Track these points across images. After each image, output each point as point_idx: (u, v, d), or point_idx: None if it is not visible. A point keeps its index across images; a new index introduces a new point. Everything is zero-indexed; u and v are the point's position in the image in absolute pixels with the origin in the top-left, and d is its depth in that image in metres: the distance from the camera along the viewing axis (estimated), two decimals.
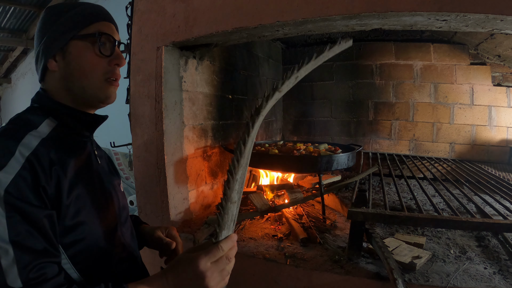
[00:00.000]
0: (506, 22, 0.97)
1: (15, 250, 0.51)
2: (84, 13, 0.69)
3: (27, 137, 0.58)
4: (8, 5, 3.82)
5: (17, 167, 0.54)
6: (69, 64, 0.66)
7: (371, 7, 1.00)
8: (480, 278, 1.01)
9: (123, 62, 0.72)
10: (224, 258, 0.62)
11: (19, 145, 0.56)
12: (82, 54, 0.66)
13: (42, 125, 0.63)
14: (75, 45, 0.66)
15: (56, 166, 0.59)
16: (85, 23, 0.67)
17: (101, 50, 0.67)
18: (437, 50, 2.51)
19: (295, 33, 1.31)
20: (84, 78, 0.67)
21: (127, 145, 1.74)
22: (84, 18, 0.68)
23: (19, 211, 0.53)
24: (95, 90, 0.68)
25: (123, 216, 0.77)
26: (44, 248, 0.54)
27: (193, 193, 1.66)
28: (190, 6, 1.34)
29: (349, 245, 1.18)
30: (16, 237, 0.51)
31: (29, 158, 0.55)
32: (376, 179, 2.08)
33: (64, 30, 0.66)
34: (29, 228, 0.53)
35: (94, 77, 0.67)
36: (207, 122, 1.77)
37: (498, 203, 1.49)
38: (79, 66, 0.66)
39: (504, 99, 2.40)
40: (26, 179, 0.54)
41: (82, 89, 0.67)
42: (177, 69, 1.53)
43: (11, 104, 7.29)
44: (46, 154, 0.58)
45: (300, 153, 1.70)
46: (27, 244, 0.52)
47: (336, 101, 2.83)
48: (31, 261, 0.52)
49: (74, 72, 0.66)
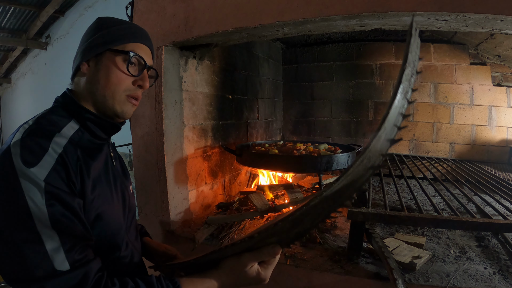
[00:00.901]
0: (506, 22, 0.97)
1: (59, 234, 0.55)
2: (127, 31, 0.74)
3: (56, 135, 0.62)
4: (8, 5, 3.83)
5: (52, 162, 0.58)
6: (98, 71, 0.71)
7: (371, 7, 1.00)
8: (480, 278, 1.01)
9: (147, 85, 0.75)
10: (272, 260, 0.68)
11: (51, 143, 0.60)
12: (112, 66, 0.71)
13: (65, 127, 0.66)
14: (109, 57, 0.71)
15: (81, 163, 0.63)
16: (124, 40, 0.72)
17: (128, 68, 0.72)
18: (437, 50, 2.51)
19: (295, 33, 1.31)
20: (107, 88, 0.71)
21: (127, 145, 1.74)
22: (124, 35, 0.73)
23: (58, 198, 0.56)
24: (113, 102, 0.72)
25: (131, 216, 0.81)
26: (82, 232, 0.58)
27: (193, 193, 1.66)
28: (190, 6, 1.34)
29: (349, 245, 1.18)
30: (57, 223, 0.55)
31: (62, 154, 0.59)
32: (376, 179, 2.08)
33: (104, 41, 0.71)
34: (68, 214, 0.57)
35: (116, 90, 0.71)
36: (207, 122, 1.77)
37: (498, 203, 1.49)
38: (106, 76, 0.71)
39: (504, 99, 2.40)
40: (60, 172, 0.58)
41: (103, 97, 0.71)
42: (177, 69, 1.53)
43: (11, 104, 7.28)
44: (74, 152, 0.63)
45: (300, 153, 1.70)
46: (69, 229, 0.56)
47: (336, 101, 2.84)
48: (75, 244, 0.56)
49: (100, 80, 0.71)
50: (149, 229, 1.00)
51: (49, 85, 4.96)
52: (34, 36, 4.79)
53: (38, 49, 5.18)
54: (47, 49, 5.00)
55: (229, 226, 1.46)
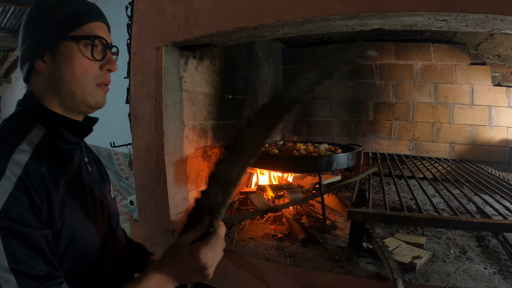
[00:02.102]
0: (506, 22, 0.97)
1: (17, 278, 0.48)
2: (78, 11, 0.64)
3: (16, 152, 0.54)
4: (8, 5, 3.82)
5: (10, 188, 0.50)
6: (59, 66, 0.62)
7: (371, 7, 1.00)
8: (480, 278, 1.01)
9: (115, 67, 0.68)
10: (218, 241, 0.61)
11: (9, 163, 0.52)
12: (73, 56, 0.62)
13: (30, 134, 0.59)
14: (66, 46, 0.62)
15: (46, 182, 0.55)
16: (78, 23, 0.63)
17: (93, 54, 0.64)
18: (437, 50, 2.51)
19: (295, 33, 1.31)
20: (75, 82, 0.63)
21: (127, 145, 1.74)
22: (77, 17, 0.63)
23: (16, 235, 0.49)
24: (85, 95, 0.64)
25: (114, 222, 0.76)
26: (46, 272, 0.52)
27: (193, 193, 1.66)
28: (190, 6, 1.34)
29: (349, 245, 1.18)
30: (16, 264, 0.48)
31: (21, 177, 0.51)
32: (376, 179, 2.08)
33: (55, 29, 0.61)
34: (28, 252, 0.50)
35: (85, 82, 0.64)
36: (207, 122, 1.77)
37: (498, 203, 1.49)
38: (69, 69, 0.62)
39: (504, 99, 2.40)
40: (21, 200, 0.51)
41: (72, 93, 0.63)
42: (177, 69, 1.52)
43: (11, 104, 7.28)
44: (37, 171, 0.55)
45: (300, 153, 1.70)
46: (29, 270, 0.50)
47: (336, 101, 2.83)
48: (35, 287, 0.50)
49: (64, 75, 0.62)
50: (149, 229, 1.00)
51: None
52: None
53: None
54: None
55: (229, 226, 1.46)
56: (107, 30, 0.69)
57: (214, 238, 0.60)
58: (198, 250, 0.58)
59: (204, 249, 0.58)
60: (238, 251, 1.29)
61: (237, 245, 1.33)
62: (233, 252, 1.28)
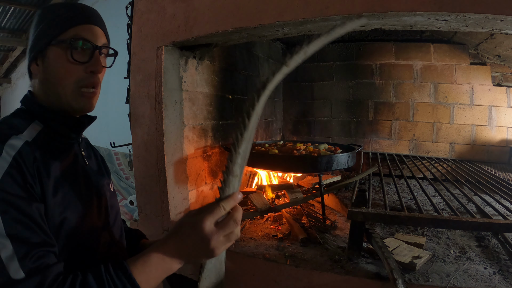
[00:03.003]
0: (506, 22, 0.97)
1: (13, 243, 0.52)
2: (62, 17, 0.67)
3: (12, 138, 0.59)
4: (8, 5, 3.82)
5: (5, 166, 0.55)
6: (46, 69, 0.66)
7: (371, 7, 1.00)
8: (480, 278, 1.01)
9: (100, 69, 0.69)
10: (231, 221, 0.57)
11: (5, 146, 0.57)
12: (57, 60, 0.66)
13: (27, 129, 0.63)
14: (52, 51, 0.66)
15: (38, 164, 0.59)
16: (62, 27, 0.66)
17: (73, 56, 0.65)
18: (437, 50, 2.51)
19: (295, 33, 1.31)
20: (58, 84, 0.66)
21: (127, 145, 1.74)
22: (61, 22, 0.66)
23: (13, 205, 0.54)
24: (68, 98, 0.67)
25: (112, 216, 0.77)
26: (41, 239, 0.56)
27: (193, 193, 1.66)
28: (190, 6, 1.34)
29: (349, 245, 1.18)
30: (12, 231, 0.53)
31: (15, 157, 0.56)
32: (376, 179, 2.08)
33: (44, 35, 0.66)
34: (24, 221, 0.54)
35: (67, 84, 0.66)
36: (207, 122, 1.77)
37: (498, 203, 1.49)
38: (54, 73, 0.66)
39: (504, 99, 2.40)
40: (15, 176, 0.55)
41: (57, 95, 0.67)
42: (177, 69, 1.52)
43: (11, 104, 7.28)
44: (30, 153, 0.59)
45: (300, 153, 1.70)
46: (24, 236, 0.54)
47: (336, 101, 2.83)
48: (30, 251, 0.53)
49: (50, 78, 0.66)
50: (149, 229, 1.00)
51: None
52: None
53: None
54: None
55: None
56: (97, 32, 0.70)
57: (218, 208, 0.57)
58: (201, 220, 0.56)
59: (208, 218, 0.56)
60: (238, 251, 1.29)
61: (237, 245, 1.33)
62: (233, 252, 1.29)
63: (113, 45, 0.74)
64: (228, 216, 0.58)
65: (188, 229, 0.57)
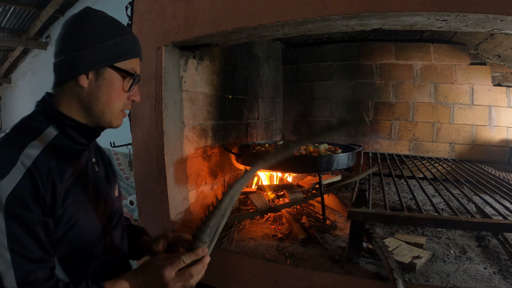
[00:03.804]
0: (506, 22, 0.97)
1: (12, 256, 0.54)
2: (129, 45, 0.73)
3: (29, 146, 0.60)
4: (8, 5, 3.82)
5: (19, 176, 0.56)
6: (99, 88, 0.69)
7: (371, 7, 1.00)
8: (480, 278, 1.01)
9: (139, 99, 0.77)
10: (187, 273, 0.66)
11: (21, 155, 0.58)
12: (114, 84, 0.70)
13: (44, 133, 0.65)
14: (111, 74, 0.70)
15: (53, 174, 0.61)
16: (127, 56, 0.72)
17: (130, 88, 0.73)
18: (437, 50, 2.51)
19: (295, 33, 1.31)
20: (107, 106, 0.71)
21: (127, 145, 1.74)
22: (128, 51, 0.72)
23: (19, 218, 0.55)
24: (111, 117, 0.72)
25: (115, 220, 0.80)
26: (40, 255, 0.57)
27: (193, 193, 1.66)
28: (190, 6, 1.34)
29: (349, 245, 1.18)
30: (13, 244, 0.54)
31: (30, 168, 0.57)
32: (376, 179, 2.08)
33: (107, 55, 0.69)
34: (27, 236, 0.56)
35: (115, 107, 0.72)
36: (207, 122, 1.77)
37: (498, 203, 1.49)
38: (107, 93, 0.70)
39: (504, 99, 2.40)
40: (27, 188, 0.56)
41: (103, 113, 0.71)
42: (177, 69, 1.52)
43: (11, 104, 7.28)
44: (45, 164, 0.60)
45: (300, 153, 1.70)
46: (24, 251, 0.56)
47: (336, 101, 2.83)
48: (27, 267, 0.55)
49: (101, 97, 0.70)
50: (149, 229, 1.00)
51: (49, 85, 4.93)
52: (34, 36, 4.79)
53: (38, 49, 5.17)
54: (47, 49, 4.99)
55: (229, 226, 1.46)
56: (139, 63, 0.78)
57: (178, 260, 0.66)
58: (163, 267, 0.65)
59: (168, 268, 0.65)
60: (238, 251, 1.29)
61: (237, 245, 1.33)
62: (233, 252, 1.29)
63: None
64: (186, 268, 0.67)
65: (152, 272, 0.66)
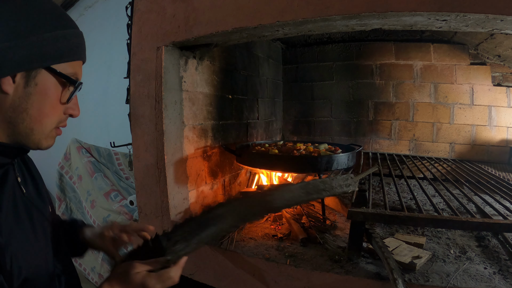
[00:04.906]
0: (506, 22, 0.97)
1: None
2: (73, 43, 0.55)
3: None
4: None
5: None
6: (29, 97, 0.52)
7: (371, 7, 1.00)
8: (480, 278, 1.01)
9: (78, 113, 0.61)
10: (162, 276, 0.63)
11: None
12: (48, 93, 0.53)
13: None
14: (46, 78, 0.53)
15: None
16: (69, 57, 0.55)
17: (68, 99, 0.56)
18: (437, 50, 2.51)
19: (295, 33, 1.31)
20: (37, 122, 0.54)
21: (127, 145, 1.74)
22: (71, 50, 0.55)
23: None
24: (41, 136, 0.56)
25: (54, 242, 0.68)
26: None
27: (193, 193, 1.66)
28: (190, 6, 1.34)
29: (349, 245, 1.18)
30: None
31: None
32: (376, 179, 2.08)
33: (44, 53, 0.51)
34: None
35: (48, 124, 0.56)
36: (207, 122, 1.77)
37: (498, 203, 1.49)
38: (39, 105, 0.53)
39: (504, 99, 2.40)
40: None
41: (30, 131, 0.54)
42: (177, 69, 1.52)
43: None
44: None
45: (300, 153, 1.70)
46: None
47: (336, 101, 2.83)
48: None
49: (30, 110, 0.52)
50: None
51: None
52: None
53: None
54: None
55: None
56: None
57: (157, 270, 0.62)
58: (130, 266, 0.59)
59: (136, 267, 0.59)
60: (238, 251, 1.29)
61: (237, 245, 1.33)
62: (233, 252, 1.29)
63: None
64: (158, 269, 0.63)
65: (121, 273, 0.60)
